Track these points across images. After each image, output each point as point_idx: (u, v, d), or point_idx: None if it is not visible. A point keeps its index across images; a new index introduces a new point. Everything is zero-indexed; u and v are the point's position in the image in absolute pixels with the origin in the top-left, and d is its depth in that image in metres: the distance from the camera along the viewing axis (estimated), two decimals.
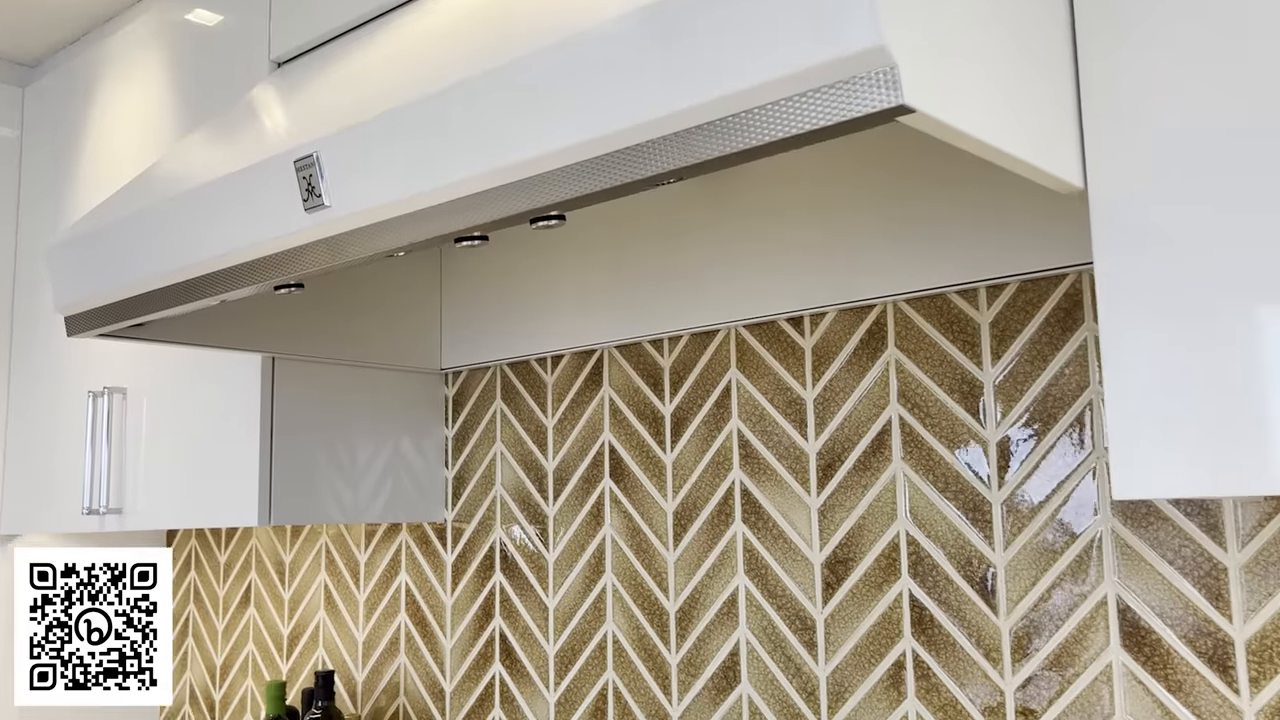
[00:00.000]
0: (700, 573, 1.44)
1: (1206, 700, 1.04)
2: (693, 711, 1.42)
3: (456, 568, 1.74)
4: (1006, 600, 1.18)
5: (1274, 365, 0.76)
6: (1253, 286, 0.77)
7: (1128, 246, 0.83)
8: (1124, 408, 0.82)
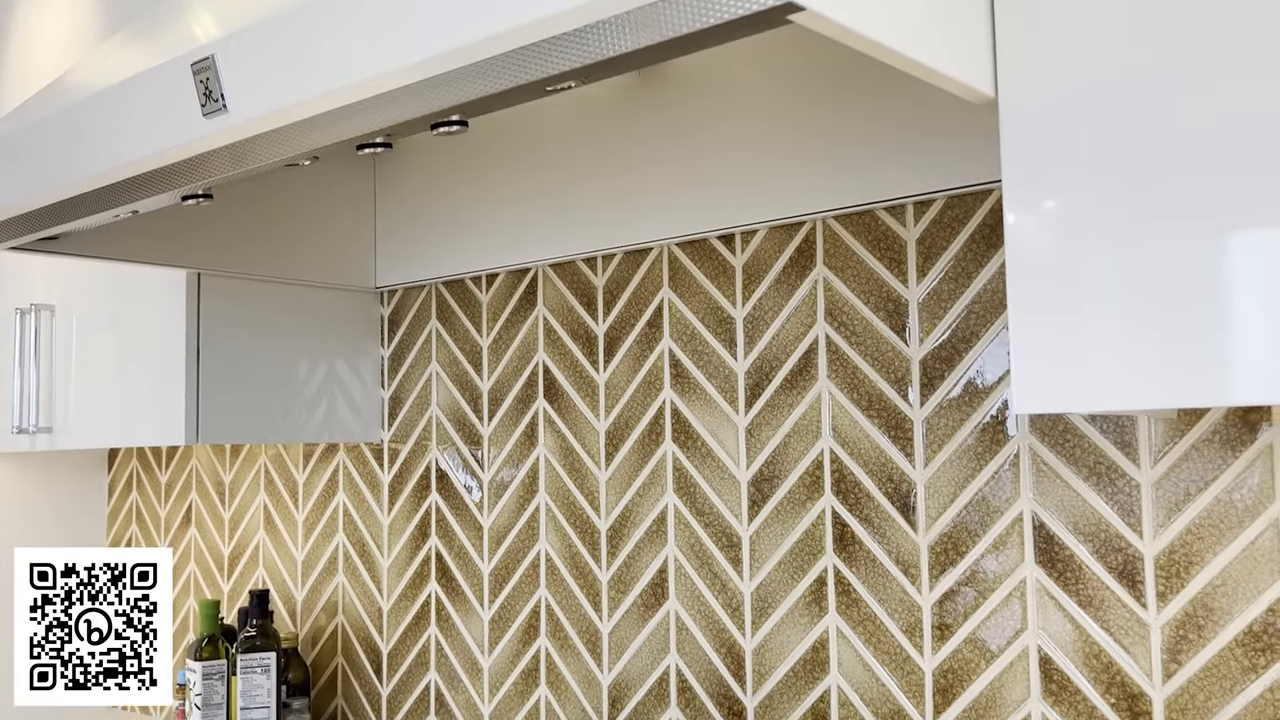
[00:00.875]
0: (630, 492, 1.44)
1: (1116, 614, 1.06)
2: (622, 627, 1.43)
3: (393, 488, 1.74)
4: (926, 517, 1.18)
5: (1178, 281, 0.75)
6: (1159, 202, 0.76)
7: (1034, 157, 0.81)
8: (1026, 322, 0.81)
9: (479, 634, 1.60)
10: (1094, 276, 0.78)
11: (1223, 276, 0.73)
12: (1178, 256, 0.75)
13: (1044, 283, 0.80)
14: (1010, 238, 0.82)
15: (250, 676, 1.61)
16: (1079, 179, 0.79)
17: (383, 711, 1.72)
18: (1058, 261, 0.80)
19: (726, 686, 1.32)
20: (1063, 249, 0.80)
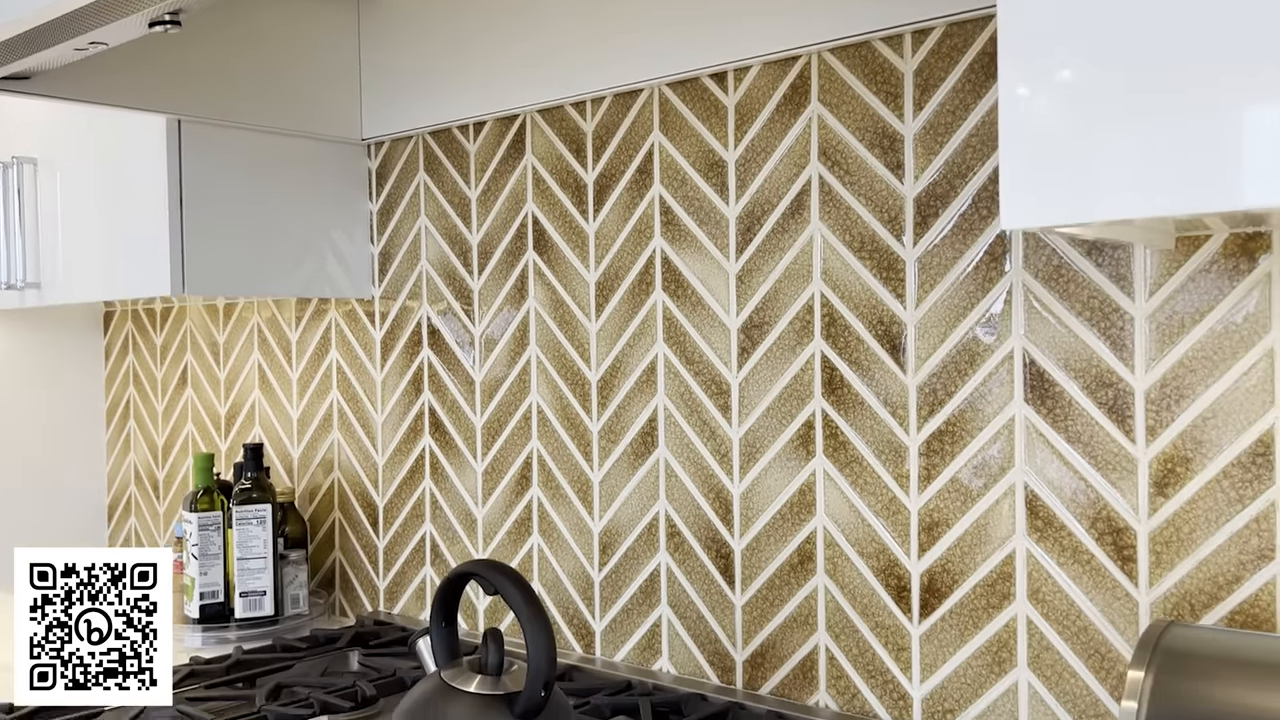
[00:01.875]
0: (620, 343, 1.42)
1: (1104, 450, 1.04)
2: (612, 476, 1.43)
3: (385, 345, 1.73)
4: (915, 359, 1.16)
5: (1183, 81, 0.71)
6: (1156, 8, 0.72)
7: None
8: (1017, 129, 0.77)
9: (472, 486, 1.61)
10: (1093, 80, 0.74)
11: (1231, 75, 0.69)
12: (1183, 55, 0.71)
13: (1038, 86, 0.76)
14: (1004, 36, 0.78)
15: (246, 528, 1.63)
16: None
17: (380, 563, 1.74)
18: (1053, 59, 0.76)
19: (714, 530, 1.33)
20: (1060, 49, 0.75)
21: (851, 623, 1.21)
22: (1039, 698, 1.08)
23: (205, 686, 1.37)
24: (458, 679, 0.97)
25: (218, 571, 1.64)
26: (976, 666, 1.12)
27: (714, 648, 1.33)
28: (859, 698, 1.21)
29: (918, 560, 1.16)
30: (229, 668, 1.44)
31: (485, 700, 0.95)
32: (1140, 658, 0.85)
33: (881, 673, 1.19)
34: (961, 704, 1.13)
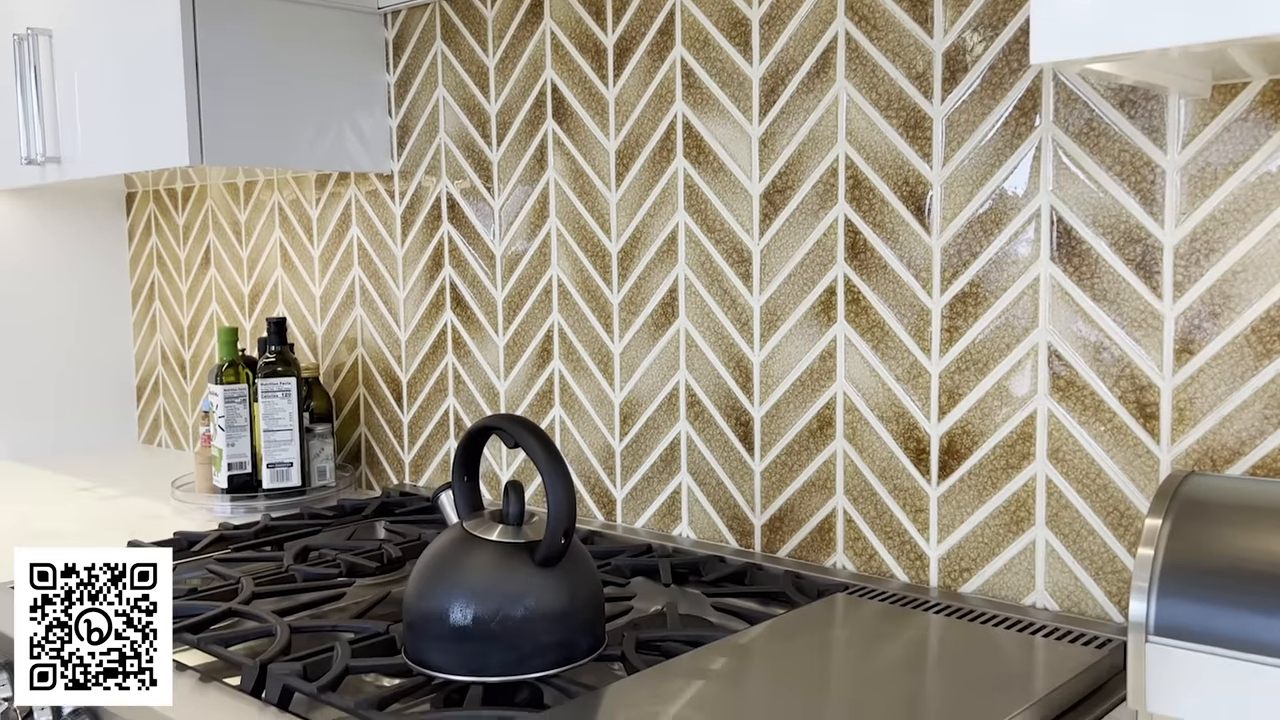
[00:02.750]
0: (641, 212, 1.41)
1: (1130, 307, 1.03)
2: (633, 347, 1.43)
3: (405, 220, 1.72)
4: (940, 219, 1.15)
5: None
6: None
7: None
8: None
9: (494, 360, 1.61)
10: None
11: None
12: None
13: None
14: None
15: (271, 400, 1.65)
16: None
17: (404, 437, 1.76)
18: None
19: (734, 399, 1.33)
20: None
21: (870, 486, 1.22)
22: (1056, 555, 1.09)
23: (234, 549, 1.40)
24: (479, 529, 0.99)
25: (245, 443, 1.66)
26: (994, 526, 1.13)
27: (733, 513, 1.34)
28: (876, 558, 1.22)
29: (937, 423, 1.16)
30: (257, 533, 1.47)
31: (506, 548, 0.96)
32: (1158, 506, 0.85)
33: (899, 534, 1.20)
34: (978, 563, 1.14)
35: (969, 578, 1.15)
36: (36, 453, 2.15)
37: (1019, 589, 1.11)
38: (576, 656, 0.96)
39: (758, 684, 0.92)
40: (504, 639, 0.93)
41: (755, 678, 0.93)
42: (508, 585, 0.94)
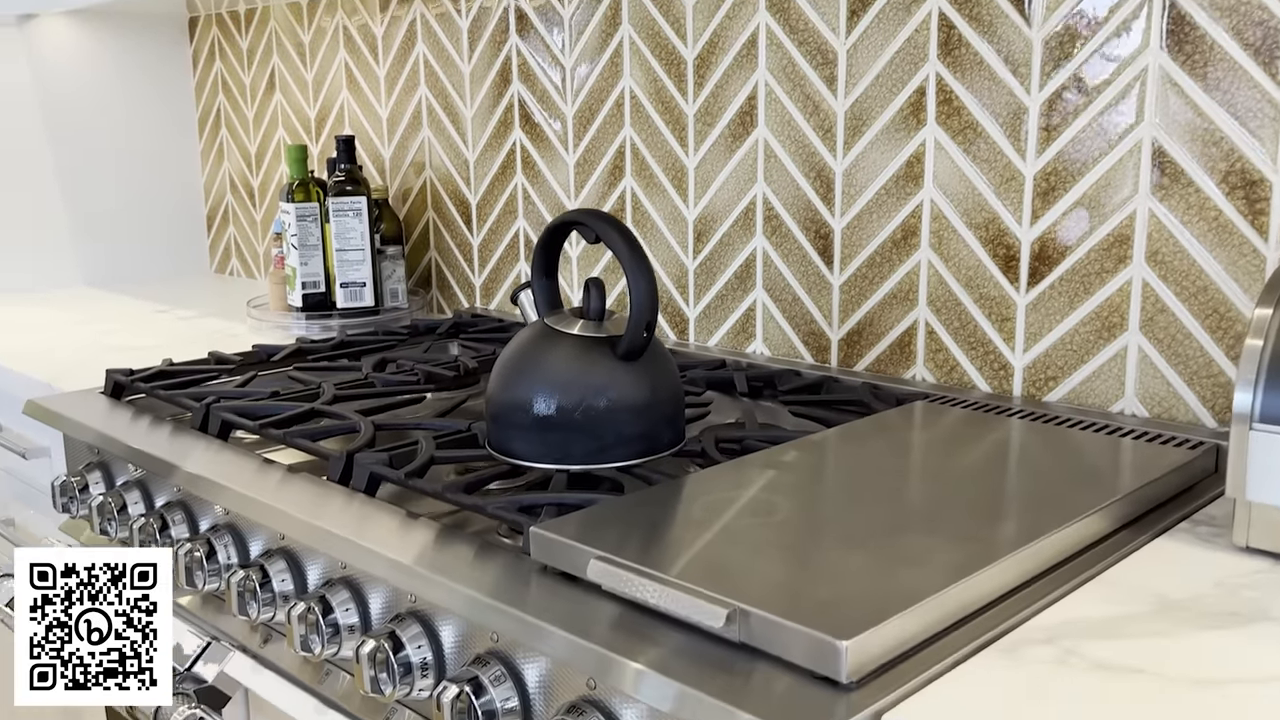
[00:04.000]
0: (719, 14, 1.35)
1: (1244, 96, 0.97)
2: (708, 160, 1.39)
3: (472, 34, 1.67)
4: (1043, 9, 1.08)
5: None
6: None
7: None
8: None
9: (564, 179, 1.58)
10: None
11: None
12: None
13: None
14: None
15: (343, 219, 1.64)
16: None
17: (474, 261, 1.75)
18: None
19: (814, 211, 1.29)
20: None
21: (954, 296, 1.19)
22: (1148, 361, 1.06)
23: (312, 360, 1.42)
24: (561, 324, 0.98)
25: (318, 262, 1.67)
26: (1084, 333, 1.10)
27: (809, 328, 1.32)
28: (957, 370, 1.20)
29: (1029, 228, 1.12)
30: (334, 347, 1.48)
31: (588, 342, 0.96)
32: (1269, 296, 0.81)
33: (983, 344, 1.17)
34: (1065, 371, 1.12)
35: (1054, 386, 1.12)
36: (111, 280, 2.18)
37: (1107, 396, 1.09)
38: (657, 449, 0.96)
39: (838, 475, 0.91)
40: (587, 429, 0.93)
41: (835, 470, 0.93)
42: (590, 377, 0.94)
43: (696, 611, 0.66)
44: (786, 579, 0.71)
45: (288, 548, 0.97)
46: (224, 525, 1.05)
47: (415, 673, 0.83)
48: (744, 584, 0.69)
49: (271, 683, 0.99)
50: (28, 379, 1.41)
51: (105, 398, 1.31)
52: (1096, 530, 0.81)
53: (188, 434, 1.15)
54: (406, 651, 0.83)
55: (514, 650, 0.76)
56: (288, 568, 0.97)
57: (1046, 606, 0.70)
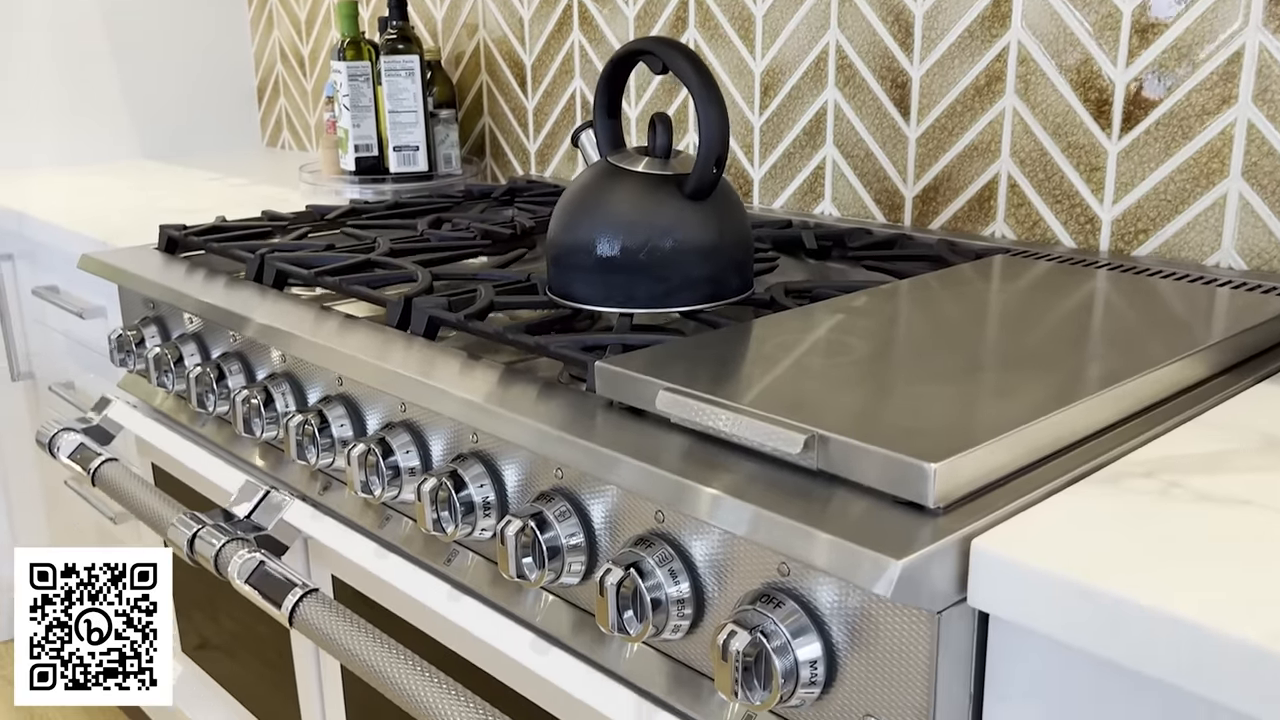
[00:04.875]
0: None
1: None
2: (777, 8, 1.32)
3: None
4: None
5: None
6: None
7: None
8: None
9: (623, 33, 1.52)
10: None
11: None
12: None
13: None
14: None
15: (395, 79, 1.59)
16: None
17: (529, 126, 1.70)
18: None
19: (891, 58, 1.22)
20: None
21: (1040, 145, 1.12)
22: (1250, 210, 0.99)
23: (366, 217, 1.39)
24: (624, 162, 0.93)
25: (370, 124, 1.63)
26: (1179, 181, 1.03)
27: (881, 185, 1.27)
28: (1040, 225, 1.14)
29: (1125, 69, 1.04)
30: (388, 208, 1.45)
31: (654, 180, 0.91)
32: None
33: (1069, 196, 1.11)
34: (1157, 223, 1.05)
35: (1144, 240, 1.06)
36: (163, 152, 2.17)
37: (1202, 249, 1.03)
38: (724, 295, 0.92)
39: (915, 320, 0.87)
40: (652, 271, 0.89)
41: (912, 315, 0.88)
42: (656, 217, 0.89)
43: (772, 438, 0.63)
44: (866, 408, 0.67)
45: (346, 394, 0.95)
46: (281, 374, 1.03)
47: (477, 512, 0.81)
48: (821, 413, 0.65)
49: (331, 529, 0.98)
50: (84, 237, 1.40)
51: (160, 253, 1.29)
52: (1195, 374, 0.76)
53: (243, 286, 1.13)
54: (469, 490, 0.81)
55: (579, 486, 0.73)
56: (346, 414, 0.95)
57: (1145, 443, 0.66)
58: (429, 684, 0.77)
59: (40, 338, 1.69)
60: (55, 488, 1.78)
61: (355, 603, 0.95)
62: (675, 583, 0.67)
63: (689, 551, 0.67)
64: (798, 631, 0.60)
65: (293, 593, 0.89)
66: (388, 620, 0.92)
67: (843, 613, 0.59)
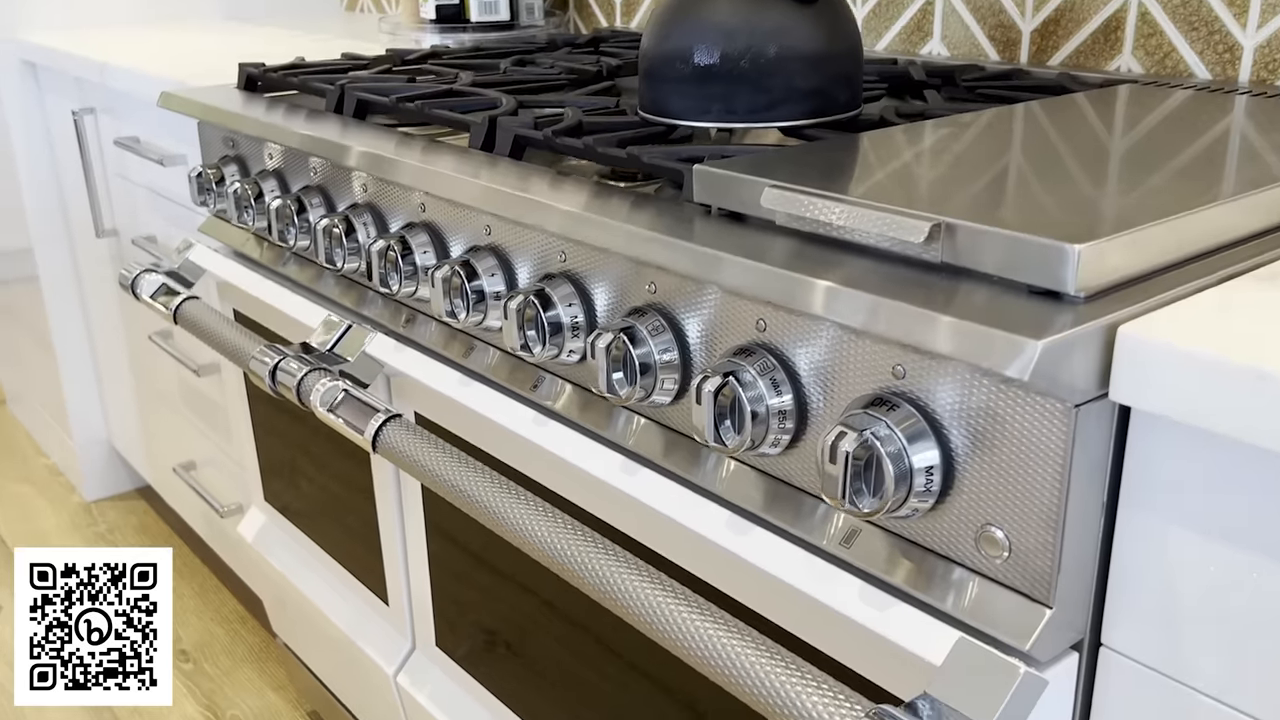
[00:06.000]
0: None
1: None
2: None
3: None
4: None
5: None
6: None
7: None
8: None
9: None
10: None
11: None
12: None
13: None
14: None
15: None
16: None
17: None
18: None
19: None
20: None
21: None
22: None
23: (448, 58, 1.34)
24: None
25: None
26: None
27: (995, 20, 1.18)
28: (1172, 56, 1.04)
29: None
30: (469, 51, 1.40)
31: None
32: None
33: (1206, 23, 1.01)
34: None
35: None
36: (242, 14, 2.13)
37: None
38: (830, 110, 0.86)
39: (1039, 135, 0.80)
40: (753, 80, 0.83)
41: (1036, 131, 0.81)
42: (760, 21, 0.83)
43: (893, 228, 0.58)
44: (994, 200, 0.62)
45: (429, 220, 0.92)
46: (363, 204, 1.00)
47: (565, 333, 0.77)
48: (945, 204, 0.60)
49: (414, 360, 0.95)
50: (165, 80, 1.38)
51: (240, 91, 1.26)
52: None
53: (324, 118, 1.09)
54: (557, 310, 0.77)
55: (673, 299, 0.69)
56: (429, 240, 0.92)
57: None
58: (518, 501, 0.74)
59: (123, 193, 1.69)
60: (140, 345, 1.79)
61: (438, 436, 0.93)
62: (777, 393, 0.63)
63: (792, 361, 0.63)
64: (914, 436, 0.56)
65: (376, 417, 0.87)
66: (471, 453, 0.89)
67: (965, 414, 0.54)
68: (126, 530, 2.05)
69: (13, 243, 2.02)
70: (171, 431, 1.77)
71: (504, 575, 0.96)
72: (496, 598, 0.98)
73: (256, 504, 1.42)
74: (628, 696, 0.85)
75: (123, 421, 2.01)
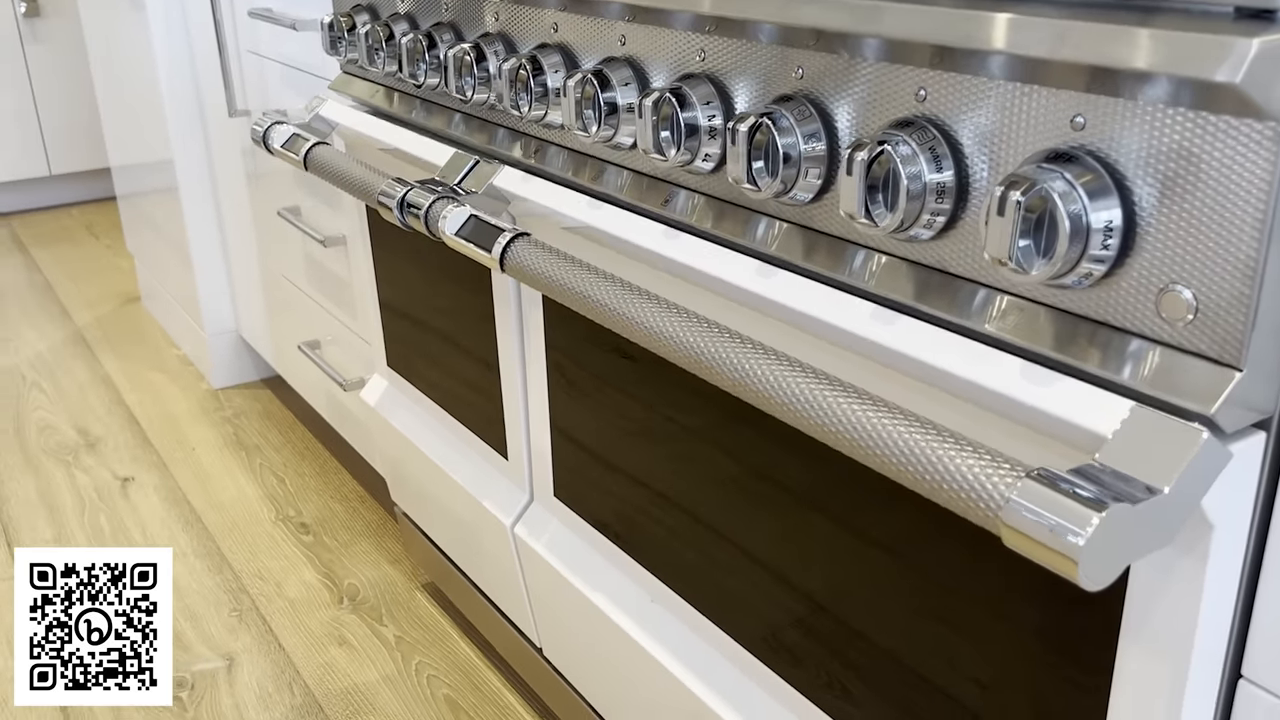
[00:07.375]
0: None
1: None
2: None
3: None
4: None
5: None
6: None
7: None
8: None
9: None
10: None
11: None
12: None
13: None
14: None
15: None
16: None
17: None
18: None
19: None
20: None
21: None
22: None
23: None
24: None
25: None
26: None
27: None
28: None
29: None
30: None
31: None
32: None
33: None
34: None
35: None
36: None
37: None
38: None
39: None
40: None
41: None
42: None
43: None
44: None
45: (562, 41, 0.89)
46: (495, 34, 0.98)
47: (701, 135, 0.74)
48: None
49: (542, 188, 0.94)
50: None
51: None
52: None
53: None
54: (694, 112, 0.74)
55: (821, 83, 0.65)
56: (562, 60, 0.89)
57: None
58: (648, 302, 0.71)
59: (255, 72, 1.71)
60: (268, 225, 1.82)
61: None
62: (938, 168, 0.59)
63: (955, 132, 0.58)
64: (1095, 192, 0.51)
65: (503, 236, 0.86)
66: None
67: (1152, 159, 0.49)
68: (251, 415, 2.11)
69: (152, 135, 2.07)
70: (296, 313, 1.80)
71: (626, 419, 0.94)
72: (616, 447, 0.96)
73: (380, 371, 1.43)
74: (752, 535, 0.82)
75: (250, 311, 2.06)
